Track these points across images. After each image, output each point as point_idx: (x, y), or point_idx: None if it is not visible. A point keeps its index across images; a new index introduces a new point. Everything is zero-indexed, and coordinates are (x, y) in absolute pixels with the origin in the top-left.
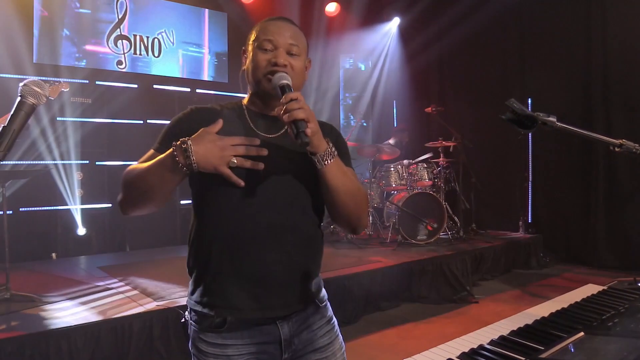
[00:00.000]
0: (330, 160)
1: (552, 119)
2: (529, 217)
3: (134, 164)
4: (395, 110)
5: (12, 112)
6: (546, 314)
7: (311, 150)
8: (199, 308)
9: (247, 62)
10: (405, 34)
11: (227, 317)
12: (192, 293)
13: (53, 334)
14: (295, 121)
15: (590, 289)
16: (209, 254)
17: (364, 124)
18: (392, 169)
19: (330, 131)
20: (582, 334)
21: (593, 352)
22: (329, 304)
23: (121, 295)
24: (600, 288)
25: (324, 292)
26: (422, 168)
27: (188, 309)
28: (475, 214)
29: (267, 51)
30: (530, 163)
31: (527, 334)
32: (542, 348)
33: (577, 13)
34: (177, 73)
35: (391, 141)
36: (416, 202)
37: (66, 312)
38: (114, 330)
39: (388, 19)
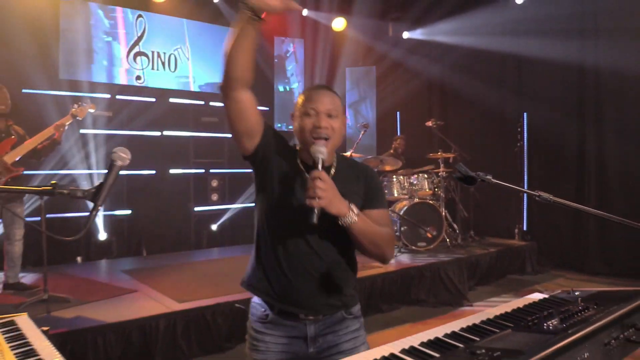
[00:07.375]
0: (352, 220)
1: (489, 177)
2: (524, 225)
3: None
4: (399, 122)
5: (106, 172)
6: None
7: (332, 214)
8: (254, 303)
9: (296, 124)
10: (410, 48)
11: (268, 313)
12: (253, 294)
13: (90, 331)
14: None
15: (535, 297)
16: (264, 268)
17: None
18: (394, 179)
19: (364, 175)
20: (509, 330)
21: (510, 342)
22: (361, 320)
23: (147, 297)
24: (542, 296)
25: (356, 308)
26: (422, 178)
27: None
28: (474, 222)
29: (311, 116)
30: (525, 173)
31: (472, 330)
32: (478, 339)
33: (571, 34)
34: (192, 87)
35: (391, 150)
36: (417, 211)
37: (99, 312)
38: (143, 328)
39: (395, 33)
